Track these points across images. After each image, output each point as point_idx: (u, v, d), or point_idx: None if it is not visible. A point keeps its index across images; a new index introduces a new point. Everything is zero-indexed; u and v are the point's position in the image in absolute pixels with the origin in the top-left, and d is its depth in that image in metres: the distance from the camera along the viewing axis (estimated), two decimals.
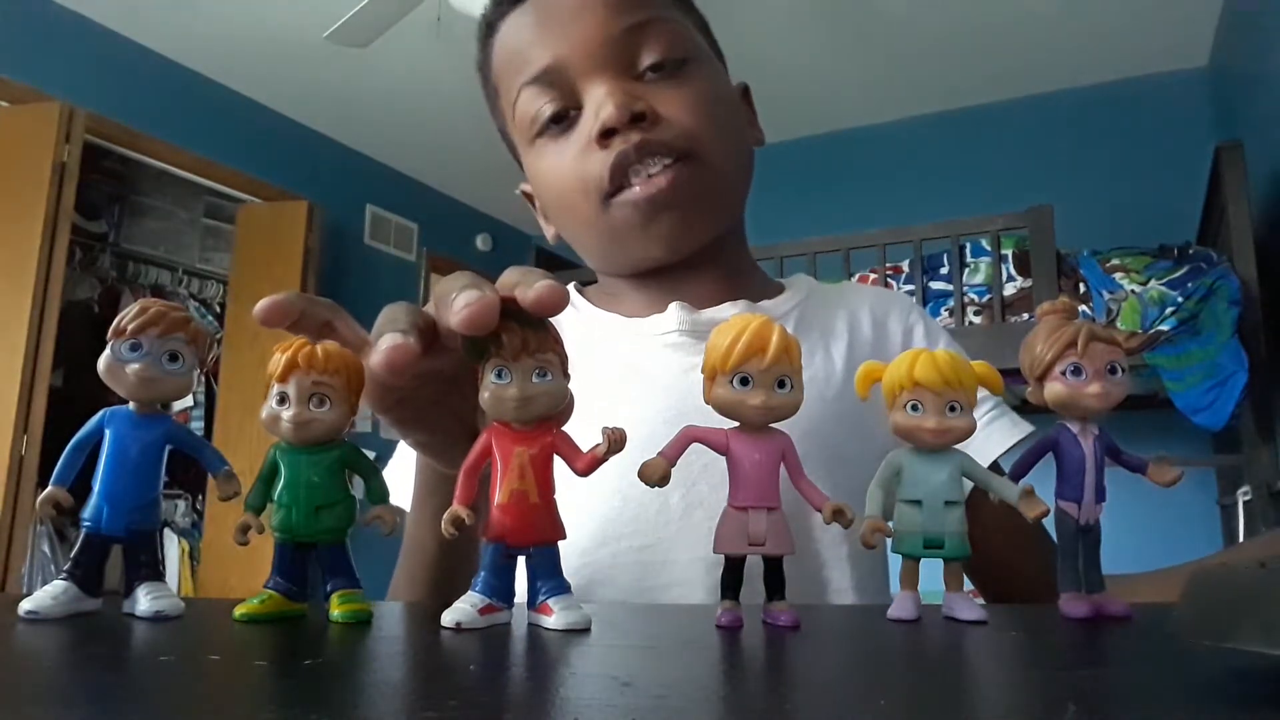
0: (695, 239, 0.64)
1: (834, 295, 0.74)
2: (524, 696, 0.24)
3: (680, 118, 0.61)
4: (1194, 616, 0.24)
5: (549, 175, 0.65)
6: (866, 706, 0.22)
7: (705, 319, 0.65)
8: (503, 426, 0.33)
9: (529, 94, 0.63)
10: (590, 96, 0.61)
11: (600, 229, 0.64)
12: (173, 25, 3.31)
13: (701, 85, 0.63)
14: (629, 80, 0.61)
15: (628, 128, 0.59)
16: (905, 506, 0.36)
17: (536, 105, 0.63)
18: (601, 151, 0.60)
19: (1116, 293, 2.43)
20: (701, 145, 0.62)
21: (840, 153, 4.12)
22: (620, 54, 0.61)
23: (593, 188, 0.62)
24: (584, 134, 0.61)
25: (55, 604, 0.32)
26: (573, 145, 0.62)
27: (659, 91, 0.61)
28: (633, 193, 0.61)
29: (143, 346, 0.33)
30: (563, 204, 0.65)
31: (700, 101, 0.62)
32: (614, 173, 0.60)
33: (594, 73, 0.61)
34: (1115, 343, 0.36)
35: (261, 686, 0.24)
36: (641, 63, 0.61)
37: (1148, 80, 3.57)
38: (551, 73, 0.62)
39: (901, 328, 0.70)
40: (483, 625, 0.33)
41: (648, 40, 0.61)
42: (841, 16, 3.26)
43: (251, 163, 3.81)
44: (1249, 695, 0.22)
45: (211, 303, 4.41)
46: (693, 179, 0.61)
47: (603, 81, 0.60)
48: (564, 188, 0.64)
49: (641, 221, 0.62)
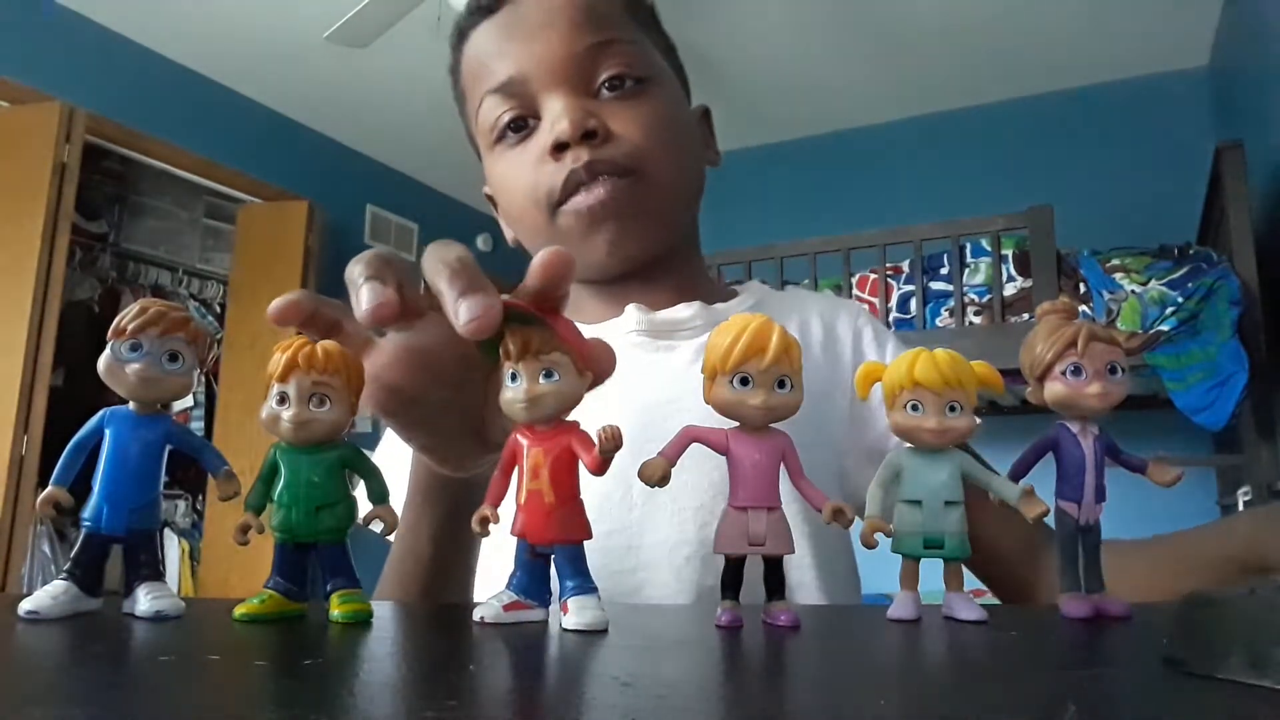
0: (637, 249, 0.67)
1: (784, 301, 0.78)
2: (524, 696, 0.24)
3: (629, 136, 0.64)
4: (1185, 646, 0.24)
5: (506, 181, 0.68)
6: (866, 706, 0.22)
7: (661, 319, 0.68)
8: (525, 427, 0.34)
9: (491, 102, 0.66)
10: (548, 110, 0.64)
11: (549, 236, 0.67)
12: (173, 25, 3.31)
13: (654, 105, 0.66)
14: (586, 97, 0.64)
15: (579, 143, 0.62)
16: (905, 506, 0.36)
17: (497, 113, 0.66)
18: (554, 164, 0.64)
19: (1117, 293, 2.43)
20: (647, 163, 0.65)
21: (840, 153, 4.12)
22: (579, 71, 0.64)
23: (543, 197, 0.65)
24: (539, 145, 0.64)
25: (55, 604, 0.32)
26: (529, 154, 0.65)
27: (613, 109, 0.64)
28: (575, 203, 0.64)
29: (143, 346, 0.33)
30: (517, 210, 0.69)
31: (651, 121, 0.65)
32: (564, 186, 0.64)
33: (553, 87, 0.64)
34: (1115, 343, 0.36)
35: (261, 686, 0.24)
36: (598, 79, 0.65)
37: (1148, 80, 3.57)
38: (513, 84, 0.65)
39: (850, 332, 0.73)
40: (508, 622, 0.33)
41: (607, 59, 0.65)
42: (841, 16, 3.26)
43: (251, 163, 3.81)
44: (1249, 695, 0.22)
45: (211, 303, 4.41)
46: (634, 194, 0.64)
47: (560, 96, 0.64)
48: (519, 195, 0.67)
49: (583, 230, 0.65)
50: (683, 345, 0.68)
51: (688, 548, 0.60)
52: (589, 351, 0.34)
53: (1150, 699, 0.23)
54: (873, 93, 3.85)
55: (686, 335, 0.68)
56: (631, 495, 0.61)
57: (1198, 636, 0.24)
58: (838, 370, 0.70)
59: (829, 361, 0.70)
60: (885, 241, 2.72)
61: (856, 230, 2.85)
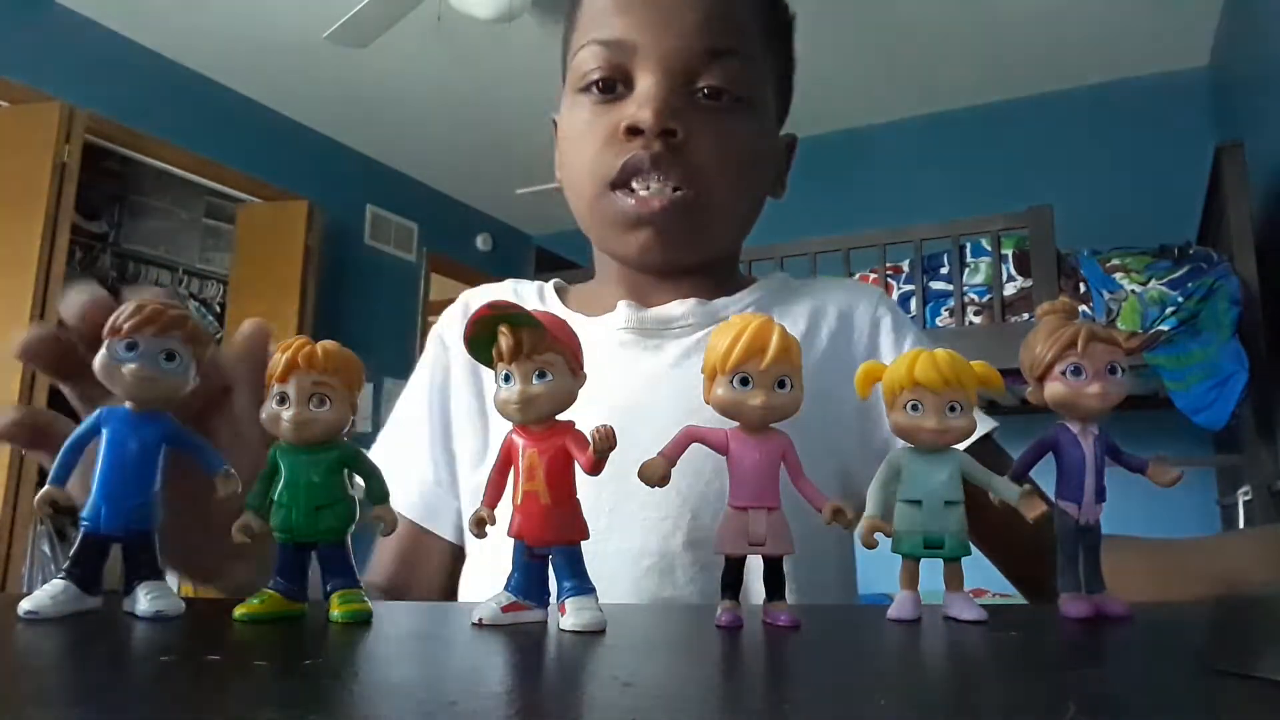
0: (667, 261, 0.67)
1: (803, 289, 0.74)
2: (524, 696, 0.24)
3: (703, 150, 0.63)
4: (1220, 643, 0.24)
5: (574, 134, 0.67)
6: (866, 706, 0.22)
7: (651, 317, 0.67)
8: (520, 428, 0.34)
9: (591, 51, 0.64)
10: (639, 89, 0.63)
11: (594, 207, 0.66)
12: (173, 25, 3.31)
13: (741, 129, 0.65)
14: (681, 93, 0.63)
15: (654, 136, 0.61)
16: (905, 506, 0.36)
17: (591, 65, 0.64)
18: (622, 144, 0.63)
19: (1116, 293, 2.43)
20: (709, 184, 0.64)
21: (840, 153, 4.11)
22: (686, 67, 0.62)
23: (601, 172, 0.64)
24: (616, 118, 0.63)
25: (55, 604, 0.31)
26: (603, 122, 0.64)
27: (700, 118, 0.63)
28: (628, 197, 0.63)
29: (139, 346, 0.33)
30: (574, 167, 0.68)
31: (730, 144, 0.64)
32: (624, 169, 0.62)
33: (654, 70, 0.62)
34: (1115, 343, 0.36)
35: (261, 686, 0.24)
36: (700, 83, 0.63)
37: (1148, 80, 3.58)
38: (619, 47, 0.63)
39: (869, 319, 0.70)
40: (506, 623, 0.33)
41: (717, 68, 0.63)
42: (842, 17, 3.26)
43: (251, 163, 3.82)
44: (1248, 695, 0.22)
45: (211, 303, 4.42)
46: (685, 211, 0.63)
47: (656, 83, 0.62)
48: (581, 156, 0.66)
49: (624, 225, 0.64)
50: (670, 345, 0.67)
51: (649, 559, 0.59)
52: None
53: (1150, 699, 0.23)
54: (873, 93, 3.86)
55: (676, 334, 0.67)
56: (601, 502, 0.59)
57: (1234, 634, 0.24)
58: (848, 363, 0.67)
59: (839, 353, 0.68)
60: (885, 241, 2.72)
61: (856, 230, 2.85)
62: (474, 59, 3.51)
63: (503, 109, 3.81)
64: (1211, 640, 0.25)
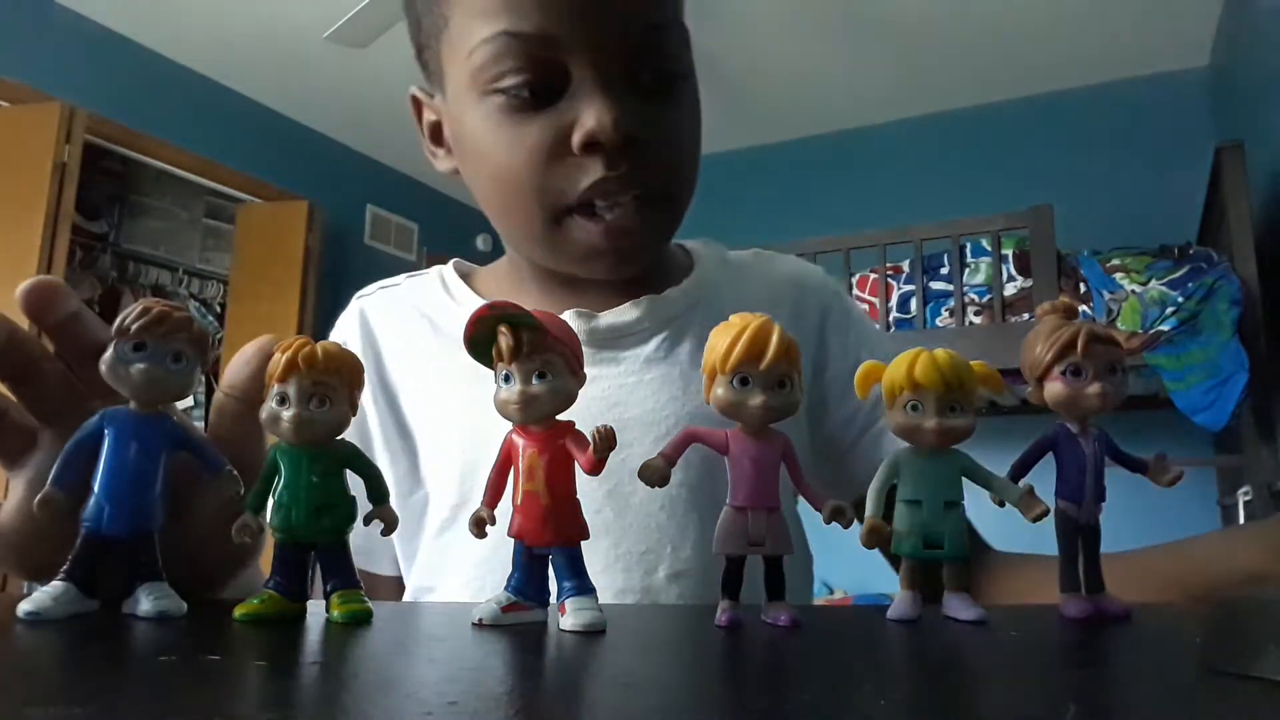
0: (632, 271, 0.61)
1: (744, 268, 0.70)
2: (524, 696, 0.24)
3: (666, 149, 0.57)
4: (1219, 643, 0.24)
5: (494, 149, 0.57)
6: (866, 706, 0.22)
7: (604, 326, 0.62)
8: (520, 428, 0.34)
9: (504, 46, 0.53)
10: (585, 96, 0.53)
11: (547, 235, 0.58)
12: (173, 25, 3.31)
13: (689, 110, 0.59)
14: (628, 86, 0.54)
15: (616, 148, 0.53)
16: (905, 506, 0.36)
17: (506, 65, 0.53)
18: (576, 159, 0.54)
19: (1117, 293, 2.43)
20: (675, 184, 0.59)
21: (840, 153, 4.12)
22: (628, 54, 0.54)
23: (553, 198, 0.56)
24: (557, 129, 0.54)
25: (55, 605, 0.31)
26: (537, 131, 0.54)
27: (652, 111, 0.55)
28: (592, 222, 0.56)
29: (146, 347, 0.33)
30: (503, 186, 0.58)
31: (686, 131, 0.59)
32: (587, 193, 0.55)
33: (594, 68, 0.53)
34: (1115, 343, 0.36)
35: (261, 686, 0.24)
36: (645, 69, 0.55)
37: (1148, 80, 3.58)
38: (544, 40, 0.52)
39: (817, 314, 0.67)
40: (507, 623, 0.33)
41: (660, 45, 0.56)
42: (842, 16, 3.26)
43: (251, 163, 3.82)
44: (1248, 695, 0.22)
45: (211, 303, 4.42)
46: (657, 224, 0.59)
47: (602, 83, 0.53)
48: (512, 174, 0.56)
49: (589, 252, 0.58)
50: (627, 355, 0.61)
51: (632, 595, 0.55)
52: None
53: (1150, 699, 0.23)
54: (873, 93, 3.85)
55: (633, 343, 0.62)
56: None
57: (1232, 635, 0.24)
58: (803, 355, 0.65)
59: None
60: (885, 241, 2.72)
61: (856, 230, 2.85)
62: None
63: None
64: (1210, 640, 0.25)
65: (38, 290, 0.36)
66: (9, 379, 0.38)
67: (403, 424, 0.65)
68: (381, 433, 0.65)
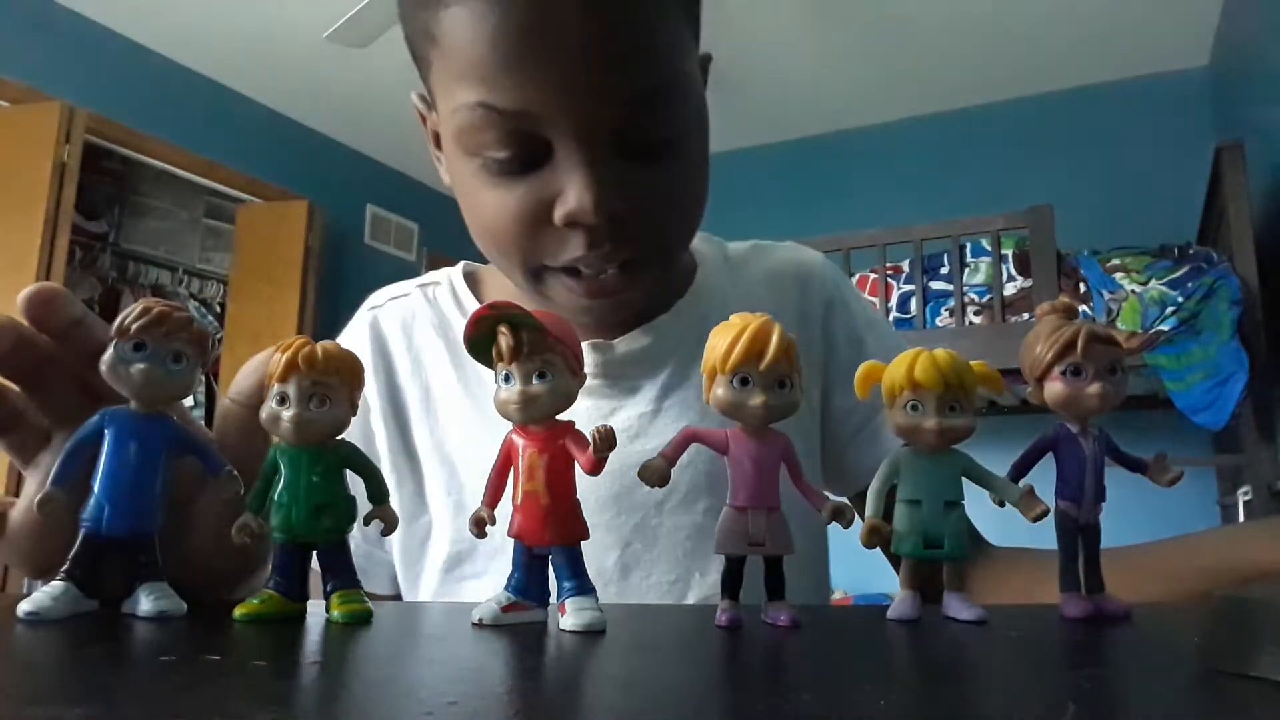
0: (619, 318, 0.61)
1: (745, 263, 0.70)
2: (524, 696, 0.24)
3: (653, 215, 0.54)
4: (1218, 643, 0.24)
5: (479, 208, 0.56)
6: (866, 706, 0.22)
7: (620, 355, 0.61)
8: (520, 428, 0.34)
9: (478, 118, 0.51)
10: (564, 168, 0.51)
11: (522, 282, 0.58)
12: (173, 26, 3.31)
13: (684, 166, 0.56)
14: (612, 155, 0.51)
15: (598, 227, 0.52)
16: (905, 506, 0.36)
17: (486, 136, 0.51)
18: (556, 230, 0.53)
19: (1116, 293, 2.43)
20: (662, 249, 0.58)
21: (840, 153, 4.12)
22: (612, 127, 0.51)
23: (534, 262, 0.55)
24: (539, 199, 0.52)
25: (55, 605, 0.31)
26: (520, 200, 0.53)
27: (639, 175, 0.52)
28: (580, 283, 0.55)
29: (147, 347, 0.33)
30: (488, 241, 0.57)
31: (678, 190, 0.56)
32: (568, 263, 0.54)
33: (575, 141, 0.50)
34: (1115, 343, 0.36)
35: (261, 686, 0.24)
36: (630, 136, 0.52)
37: (1148, 80, 3.58)
38: (523, 117, 0.50)
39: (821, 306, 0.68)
40: (507, 623, 0.33)
41: (646, 115, 0.52)
42: (842, 17, 3.26)
43: (251, 163, 3.82)
44: (1247, 694, 0.22)
45: (211, 303, 4.42)
46: (641, 283, 0.57)
47: (584, 160, 0.50)
48: (496, 235, 0.56)
49: (576, 308, 0.57)
50: (645, 384, 0.62)
51: None
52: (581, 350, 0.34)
53: (1150, 699, 0.24)
54: (873, 93, 3.85)
55: (649, 370, 0.62)
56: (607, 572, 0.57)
57: (1231, 634, 0.24)
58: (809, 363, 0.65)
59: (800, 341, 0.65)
60: (885, 241, 2.72)
61: (856, 230, 2.85)
62: None
63: None
64: (1210, 640, 0.25)
65: (39, 297, 0.36)
66: (20, 382, 0.37)
67: (410, 447, 0.64)
68: (389, 454, 0.64)
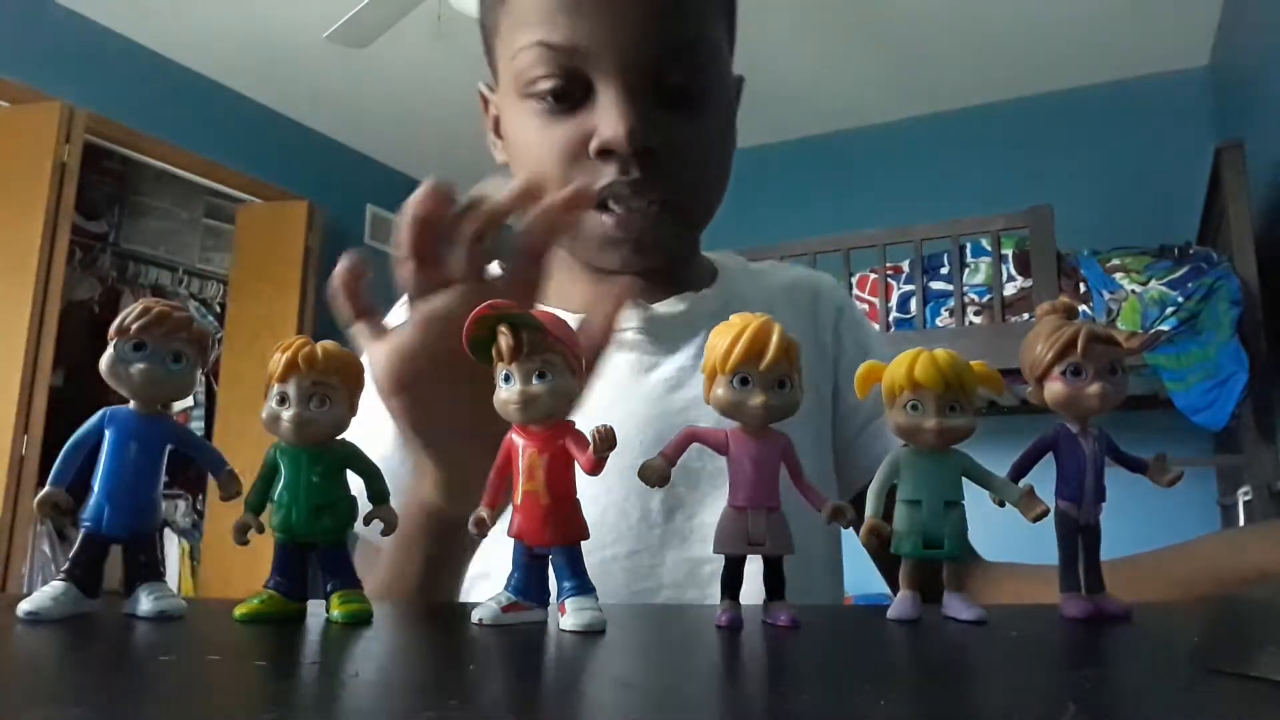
0: (648, 265, 0.64)
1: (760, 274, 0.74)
2: (524, 697, 0.24)
3: (681, 159, 0.59)
4: (1217, 643, 0.24)
5: (528, 144, 0.62)
6: (866, 706, 0.22)
7: (659, 315, 0.65)
8: (521, 428, 0.34)
9: (534, 56, 0.58)
10: (603, 103, 0.57)
11: None
12: (173, 25, 3.31)
13: (712, 123, 0.62)
14: (647, 98, 0.58)
15: (630, 157, 0.57)
16: (905, 506, 0.36)
17: (538, 71, 0.58)
18: (591, 163, 0.58)
19: (1117, 293, 2.43)
20: (691, 195, 0.62)
21: (840, 153, 4.12)
22: (649, 68, 0.57)
23: None
24: (579, 132, 0.58)
25: (55, 605, 0.31)
26: (562, 135, 0.59)
27: (672, 120, 0.59)
28: (607, 217, 0.60)
29: (147, 346, 0.33)
30: None
31: (707, 143, 0.62)
32: (600, 194, 0.58)
33: (616, 79, 0.57)
34: (1115, 343, 0.36)
35: (261, 686, 0.24)
36: (665, 80, 0.58)
37: (1148, 80, 3.57)
38: (568, 54, 0.57)
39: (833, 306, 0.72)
40: (507, 623, 0.33)
41: (682, 63, 0.58)
42: (842, 17, 3.26)
43: (251, 163, 3.81)
44: (1246, 694, 0.22)
45: (211, 303, 4.41)
46: (669, 226, 0.61)
47: (620, 93, 0.57)
48: (538, 170, 0.60)
49: (603, 243, 0.61)
50: (684, 346, 0.65)
51: (710, 565, 0.57)
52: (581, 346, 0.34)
53: (1150, 699, 0.24)
54: (873, 93, 3.85)
55: (686, 335, 0.66)
56: (651, 514, 0.59)
57: (1229, 634, 0.24)
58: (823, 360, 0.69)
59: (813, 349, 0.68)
60: (885, 241, 2.72)
61: (856, 230, 2.85)
62: (474, 59, 3.50)
63: None
64: (1209, 640, 0.25)
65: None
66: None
67: None
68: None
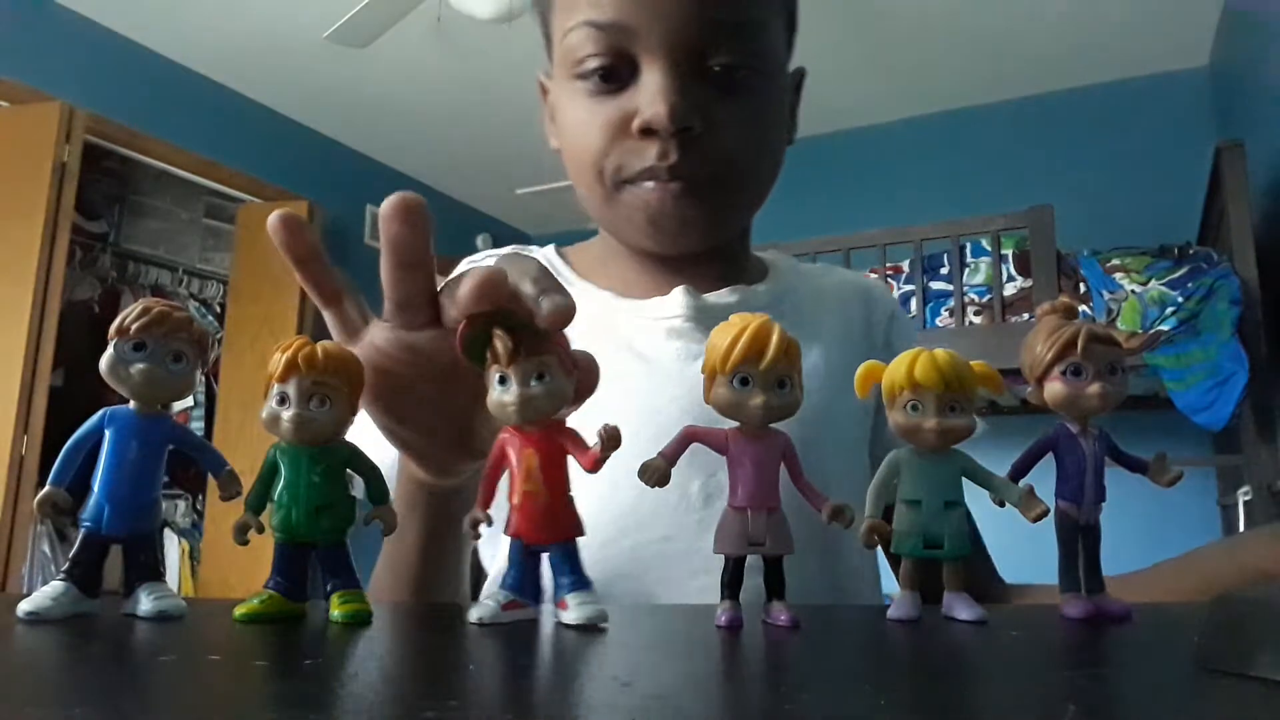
0: (689, 247, 0.64)
1: (812, 272, 0.76)
2: (524, 696, 0.24)
3: (726, 139, 0.59)
4: (1216, 643, 0.24)
5: (575, 123, 0.63)
6: (866, 706, 0.22)
7: (710, 304, 0.65)
8: (514, 429, 0.34)
9: (583, 35, 0.59)
10: (647, 80, 0.58)
11: (606, 204, 0.63)
12: (173, 25, 3.31)
13: (759, 106, 0.61)
14: (691, 76, 0.58)
15: (670, 136, 0.57)
16: (905, 506, 0.36)
17: (586, 51, 0.59)
18: (633, 141, 0.59)
19: (1117, 293, 2.43)
20: (733, 174, 0.61)
21: (840, 153, 4.11)
22: (695, 48, 0.58)
23: (608, 169, 0.61)
24: (622, 111, 0.59)
25: (55, 605, 0.31)
26: (606, 114, 0.60)
27: (715, 102, 0.59)
28: (645, 192, 0.60)
29: (147, 346, 0.33)
30: (577, 160, 0.64)
31: (751, 126, 0.61)
32: (638, 172, 0.60)
33: (660, 56, 0.57)
34: (1115, 343, 0.36)
35: (261, 686, 0.24)
36: (710, 61, 0.58)
37: (1148, 80, 3.57)
38: (616, 31, 0.58)
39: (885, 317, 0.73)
40: (506, 621, 0.33)
41: (728, 43, 0.58)
42: (842, 17, 3.26)
43: (251, 163, 3.81)
44: (1246, 694, 0.22)
45: (211, 303, 4.41)
46: (709, 201, 0.61)
47: (664, 71, 0.57)
48: (583, 150, 0.62)
49: (643, 221, 0.61)
50: None
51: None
52: (573, 354, 0.34)
53: (1150, 699, 0.24)
54: (873, 93, 3.85)
55: None
56: (690, 498, 0.59)
57: (1229, 635, 0.24)
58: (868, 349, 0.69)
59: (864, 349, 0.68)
60: (885, 241, 2.72)
61: (856, 230, 2.85)
62: (474, 59, 3.50)
63: (503, 109, 3.81)
64: (1209, 640, 0.25)
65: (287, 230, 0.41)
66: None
67: None
68: None
